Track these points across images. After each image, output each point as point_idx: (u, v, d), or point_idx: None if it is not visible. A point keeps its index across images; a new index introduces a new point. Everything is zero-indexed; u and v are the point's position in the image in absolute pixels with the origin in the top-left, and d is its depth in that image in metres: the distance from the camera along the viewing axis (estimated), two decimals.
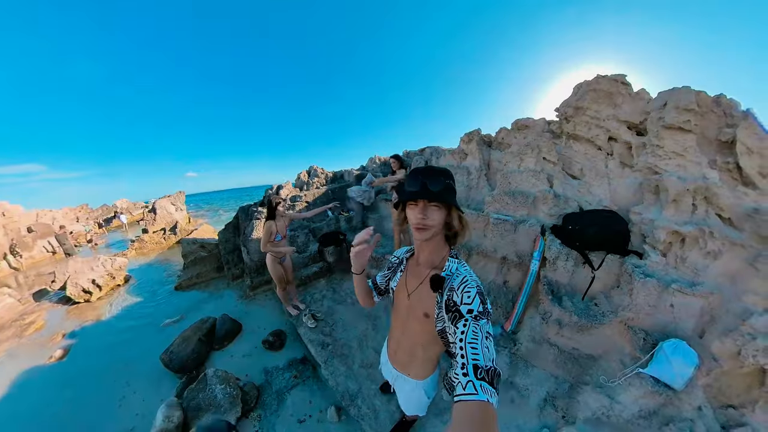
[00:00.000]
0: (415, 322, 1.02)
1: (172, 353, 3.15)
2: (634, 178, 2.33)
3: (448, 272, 0.89)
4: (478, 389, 0.57)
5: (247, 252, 4.52)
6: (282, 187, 6.23)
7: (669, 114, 2.08)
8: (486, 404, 0.55)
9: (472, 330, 0.69)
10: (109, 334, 4.23)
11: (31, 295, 6.26)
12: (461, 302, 0.78)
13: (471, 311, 0.74)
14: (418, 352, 1.12)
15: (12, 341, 4.44)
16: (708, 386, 1.68)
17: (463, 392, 0.57)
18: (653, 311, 1.88)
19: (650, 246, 2.03)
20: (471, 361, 0.62)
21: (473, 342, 0.66)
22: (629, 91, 2.45)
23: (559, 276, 2.34)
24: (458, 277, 0.86)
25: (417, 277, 1.00)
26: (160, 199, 14.17)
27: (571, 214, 2.44)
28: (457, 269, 0.90)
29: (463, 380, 0.59)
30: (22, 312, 5.53)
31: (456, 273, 0.88)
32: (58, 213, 15.00)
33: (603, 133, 2.53)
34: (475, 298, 0.76)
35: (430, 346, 1.07)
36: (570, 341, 2.15)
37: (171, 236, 10.04)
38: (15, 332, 4.71)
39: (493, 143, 3.63)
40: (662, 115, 2.12)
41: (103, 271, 5.94)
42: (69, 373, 3.47)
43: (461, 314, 0.75)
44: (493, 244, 2.76)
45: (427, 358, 1.14)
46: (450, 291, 0.84)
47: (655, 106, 2.22)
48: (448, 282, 0.87)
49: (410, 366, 1.18)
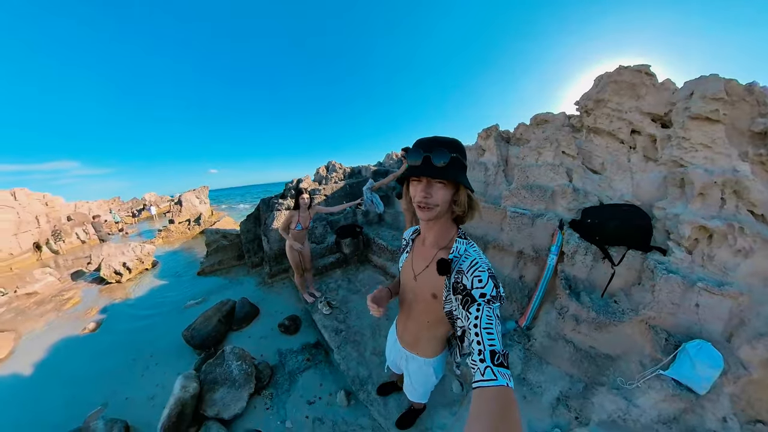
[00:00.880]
0: (423, 302, 1.00)
1: (193, 330, 3.31)
2: (658, 172, 2.24)
3: (456, 254, 0.84)
4: (497, 375, 0.56)
5: (267, 241, 4.68)
6: (302, 180, 6.41)
7: (695, 104, 1.99)
8: (506, 389, 0.55)
9: (486, 315, 0.67)
10: (137, 312, 4.51)
11: (69, 275, 6.76)
12: (472, 286, 0.74)
13: (484, 295, 0.71)
14: (424, 331, 1.11)
15: (52, 314, 4.84)
16: (735, 396, 1.57)
17: (482, 378, 0.57)
18: (676, 311, 1.80)
19: (675, 242, 1.95)
20: (488, 347, 0.61)
21: (489, 327, 0.65)
22: (653, 82, 2.35)
23: (577, 271, 2.29)
24: (467, 259, 0.80)
25: (424, 258, 0.96)
26: (186, 193, 14.88)
27: (590, 207, 2.38)
28: (465, 251, 0.84)
29: (481, 366, 0.59)
30: (61, 289, 5.99)
31: (465, 255, 0.83)
32: (94, 204, 16.14)
33: (625, 125, 2.46)
34: (488, 282, 0.72)
35: (437, 325, 1.04)
36: (587, 339, 2.09)
37: (195, 227, 10.52)
38: (55, 306, 5.13)
39: (511, 139, 3.58)
40: (688, 105, 2.03)
41: (132, 255, 6.32)
42: (100, 344, 3.76)
43: (474, 298, 0.71)
44: (509, 237, 2.73)
45: (434, 337, 1.12)
46: (458, 274, 0.80)
47: (681, 96, 2.13)
48: (456, 264, 0.82)
49: (418, 345, 1.18)
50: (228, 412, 2.25)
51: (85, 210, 14.53)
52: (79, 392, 2.90)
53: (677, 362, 1.69)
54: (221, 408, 2.25)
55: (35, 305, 5.30)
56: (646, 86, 2.36)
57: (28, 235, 10.39)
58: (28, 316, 4.89)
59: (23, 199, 10.91)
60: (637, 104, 2.39)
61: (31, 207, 11.13)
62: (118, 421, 2.26)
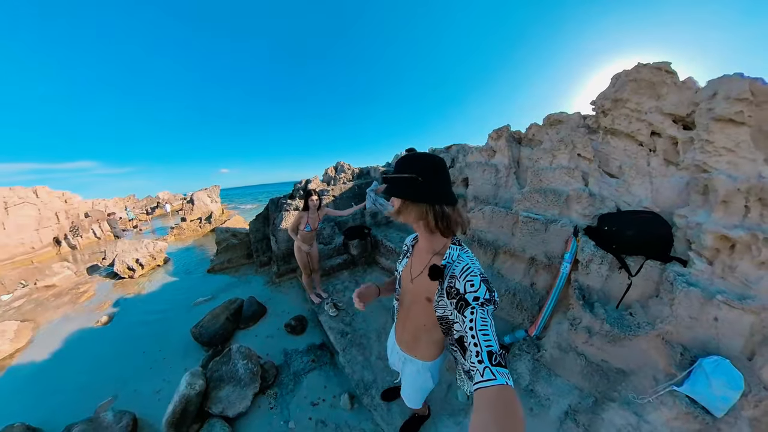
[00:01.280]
0: (419, 305, 1.04)
1: (202, 327, 3.36)
2: (679, 177, 2.13)
3: (449, 260, 0.88)
4: (496, 374, 0.58)
5: (276, 241, 4.71)
6: (310, 181, 6.45)
7: (719, 105, 1.88)
8: (506, 387, 0.56)
9: (480, 317, 0.70)
10: (148, 307, 4.62)
11: (85, 269, 6.97)
12: (465, 290, 0.77)
13: (477, 299, 0.73)
14: (422, 335, 1.13)
15: (68, 306, 5.02)
16: (756, 420, 1.45)
17: (482, 379, 0.59)
18: (694, 324, 1.70)
19: (696, 252, 1.85)
20: (485, 348, 0.63)
21: (484, 329, 0.67)
22: (674, 81, 2.22)
23: (592, 280, 2.21)
24: (459, 264, 0.85)
25: (420, 262, 1.01)
26: (198, 192, 15.21)
27: (607, 214, 2.29)
28: (458, 256, 0.88)
29: (480, 367, 0.60)
30: (77, 282, 6.18)
31: (457, 260, 0.87)
32: (110, 202, 16.69)
33: (645, 127, 2.33)
34: (480, 286, 0.75)
35: (433, 329, 1.06)
36: (599, 352, 2.01)
37: (206, 225, 10.72)
38: (71, 299, 5.31)
39: (523, 140, 3.49)
40: (712, 106, 1.92)
41: (145, 252, 6.48)
42: (112, 336, 3.87)
43: (467, 302, 0.74)
44: (521, 243, 2.67)
45: (432, 340, 1.14)
46: (451, 279, 0.84)
47: (704, 96, 2.00)
48: (449, 269, 0.86)
49: (416, 348, 1.19)
50: (232, 410, 2.25)
51: (102, 207, 15.03)
52: (91, 382, 2.99)
53: (692, 378, 1.60)
54: (226, 406, 2.26)
55: (53, 297, 5.50)
56: (667, 85, 2.23)
57: (48, 230, 10.85)
58: (46, 307, 5.08)
59: (44, 196, 11.41)
60: (657, 104, 2.27)
61: (51, 204, 11.61)
62: (126, 413, 2.30)
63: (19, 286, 6.15)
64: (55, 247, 10.56)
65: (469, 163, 3.86)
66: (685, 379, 1.63)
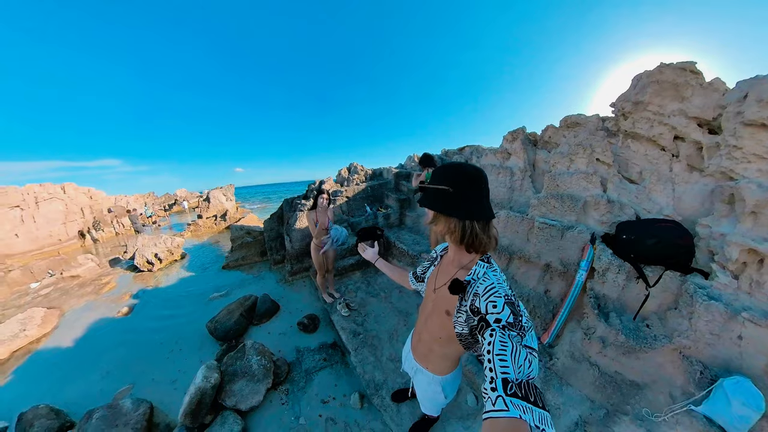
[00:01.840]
0: (437, 317, 1.02)
1: (217, 322, 3.46)
2: (703, 185, 2.04)
3: (474, 276, 0.84)
4: (508, 405, 0.53)
5: (290, 240, 4.80)
6: (324, 182, 6.54)
7: (750, 108, 1.78)
8: (518, 421, 0.51)
9: (499, 340, 0.64)
10: (166, 300, 4.78)
11: (107, 262, 7.29)
12: (486, 311, 0.72)
13: (499, 321, 0.68)
14: (436, 347, 1.10)
15: (91, 296, 5.26)
16: None
17: (493, 409, 0.54)
18: (715, 341, 1.64)
19: (719, 265, 1.78)
20: (500, 375, 0.58)
21: (501, 354, 0.61)
22: (700, 82, 2.12)
23: (608, 290, 2.16)
24: (484, 283, 0.80)
25: (445, 274, 0.99)
26: (213, 190, 15.63)
27: (626, 222, 2.24)
28: (484, 274, 0.83)
29: (492, 396, 0.56)
30: (100, 274, 6.46)
31: (483, 278, 0.82)
32: (131, 198, 17.47)
33: (667, 131, 2.24)
34: (504, 308, 0.70)
35: (448, 343, 1.03)
36: (613, 363, 1.96)
37: (221, 222, 11.02)
38: (93, 289, 5.56)
39: (539, 142, 3.42)
40: (741, 110, 1.83)
41: (164, 247, 6.72)
42: (131, 326, 4.05)
43: (488, 323, 0.70)
44: (536, 249, 2.63)
45: (445, 354, 1.11)
46: (474, 297, 0.79)
47: (733, 98, 1.91)
48: (473, 287, 0.82)
49: (428, 359, 1.17)
50: (245, 403, 2.32)
51: (124, 203, 15.72)
52: (111, 369, 3.13)
53: (711, 398, 1.53)
54: (239, 399, 2.33)
55: (77, 287, 5.77)
56: (692, 86, 2.13)
57: (74, 224, 11.46)
58: (71, 296, 5.33)
59: (71, 192, 12.09)
60: (681, 107, 2.17)
61: (77, 199, 12.29)
62: (144, 402, 2.39)
63: (47, 275, 6.49)
64: (80, 240, 11.10)
65: (482, 165, 3.83)
66: (704, 399, 1.57)
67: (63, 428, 2.43)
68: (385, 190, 6.06)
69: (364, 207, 5.67)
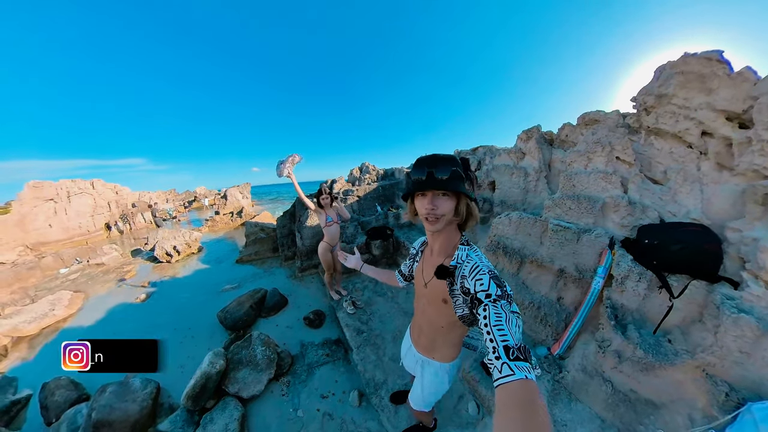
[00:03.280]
0: (435, 308, 1.04)
1: (227, 312, 3.54)
2: (734, 185, 1.86)
3: (458, 260, 0.89)
4: (514, 369, 0.56)
5: (300, 237, 4.86)
6: (336, 181, 6.60)
7: None
8: (525, 381, 0.54)
9: (494, 312, 0.69)
10: (181, 289, 4.97)
11: (129, 252, 7.65)
12: (475, 289, 0.77)
13: (489, 296, 0.73)
14: (438, 337, 1.14)
15: (113, 282, 5.56)
16: None
17: (501, 376, 0.57)
18: (744, 360, 1.47)
19: (751, 274, 1.60)
20: (501, 344, 0.62)
21: (498, 323, 0.66)
22: (727, 72, 1.94)
23: (627, 299, 2.01)
24: (468, 264, 0.85)
25: (432, 266, 1.00)
26: (230, 188, 16.20)
27: (648, 225, 2.09)
28: (467, 256, 0.89)
29: (498, 364, 0.59)
30: (123, 263, 6.81)
31: (466, 260, 0.87)
32: (154, 194, 18.47)
33: (694, 126, 2.06)
34: (490, 283, 0.75)
35: (451, 330, 1.08)
36: (629, 380, 1.80)
37: (237, 219, 11.35)
38: (116, 276, 5.89)
39: (555, 141, 3.28)
40: None
41: (182, 240, 6.99)
42: (148, 312, 4.25)
43: (480, 300, 0.74)
44: (550, 253, 2.51)
45: (449, 341, 1.15)
46: (462, 279, 0.84)
47: (765, 89, 1.73)
48: (459, 270, 0.87)
49: (434, 349, 1.20)
50: (247, 391, 2.35)
51: (147, 199, 16.62)
52: None
53: (737, 425, 1.37)
54: (242, 387, 2.37)
55: (102, 273, 6.10)
56: (719, 77, 1.96)
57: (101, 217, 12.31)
58: (96, 282, 5.64)
59: (99, 188, 13.10)
60: (708, 100, 2.00)
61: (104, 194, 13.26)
62: (151, 381, 2.50)
63: (75, 262, 6.90)
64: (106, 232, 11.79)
65: (496, 165, 3.73)
66: (728, 424, 1.41)
67: (80, 399, 2.64)
68: (397, 190, 6.05)
69: (374, 206, 5.67)
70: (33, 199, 10.56)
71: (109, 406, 2.21)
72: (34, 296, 5.10)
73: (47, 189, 10.94)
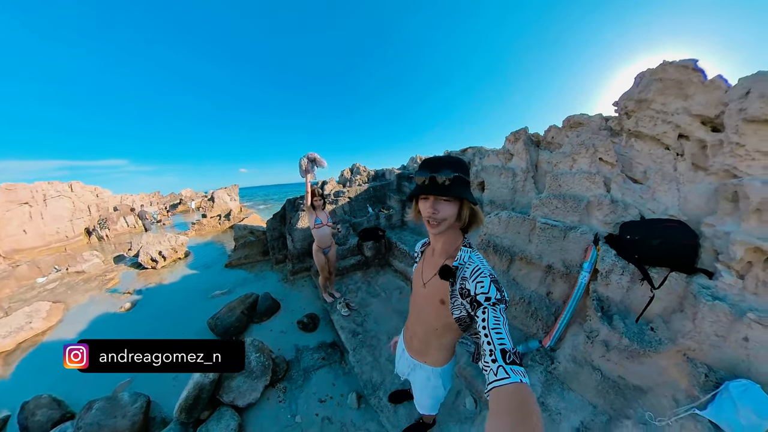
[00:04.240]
0: (432, 309, 1.03)
1: (218, 319, 3.47)
2: (708, 183, 2.01)
3: (460, 262, 0.90)
4: (509, 372, 0.57)
5: (292, 240, 4.81)
6: (326, 182, 6.56)
7: (753, 104, 1.75)
8: (520, 385, 0.55)
9: (492, 316, 0.70)
10: (168, 297, 4.82)
11: (112, 258, 7.37)
12: (476, 291, 0.78)
13: (489, 299, 0.74)
14: (432, 338, 1.13)
15: (95, 291, 5.34)
16: None
17: (496, 378, 0.58)
18: (721, 343, 1.59)
19: (724, 264, 1.73)
20: (498, 347, 0.62)
21: (496, 327, 0.67)
22: (701, 79, 2.09)
23: (612, 292, 2.12)
24: (470, 266, 0.86)
25: (432, 266, 1.01)
26: (218, 190, 15.76)
27: (630, 222, 2.20)
28: (469, 258, 0.89)
29: (494, 366, 0.60)
30: (105, 270, 6.54)
31: (468, 262, 0.88)
32: (137, 197, 17.75)
33: (671, 129, 2.21)
34: (490, 286, 0.77)
35: (445, 332, 1.07)
36: (617, 367, 1.91)
37: (225, 222, 11.09)
38: (98, 284, 5.64)
39: (541, 143, 3.40)
40: (744, 106, 1.80)
41: (168, 245, 6.77)
42: (134, 322, 4.08)
43: (479, 303, 0.75)
44: (538, 250, 2.60)
45: (442, 345, 1.14)
46: (462, 280, 0.85)
47: (735, 95, 1.88)
48: (461, 271, 0.88)
49: (426, 353, 1.19)
50: (243, 400, 2.31)
51: (129, 202, 15.97)
52: None
53: (716, 402, 1.49)
54: (237, 395, 2.32)
55: (83, 282, 5.85)
56: (694, 84, 2.10)
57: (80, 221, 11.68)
58: (76, 291, 5.41)
59: (78, 190, 12.41)
60: (684, 105, 2.15)
61: (84, 197, 12.59)
62: (141, 395, 2.40)
63: (53, 270, 6.59)
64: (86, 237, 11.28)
65: (485, 166, 3.82)
66: (708, 402, 1.52)
67: (64, 418, 2.46)
68: (388, 190, 6.07)
69: (366, 207, 5.68)
70: (5, 203, 9.95)
71: (97, 424, 2.11)
72: (9, 308, 4.82)
73: (21, 192, 10.31)
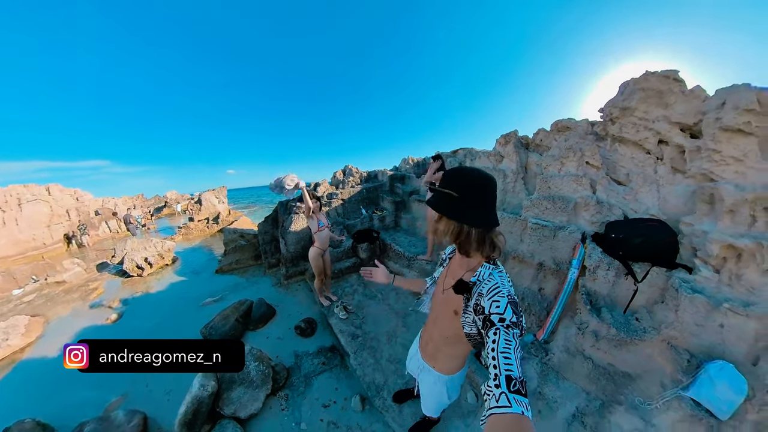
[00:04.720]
0: (446, 317, 1.04)
1: (211, 328, 3.40)
2: (686, 186, 2.17)
3: (479, 278, 0.87)
4: (512, 402, 0.55)
5: (285, 243, 4.77)
6: (319, 184, 6.53)
7: (727, 115, 1.91)
8: (521, 417, 0.53)
9: (504, 339, 0.67)
10: (156, 306, 4.64)
11: (95, 266, 7.04)
12: (490, 310, 0.75)
13: (503, 320, 0.71)
14: (443, 346, 1.14)
15: (78, 302, 5.08)
16: (759, 424, 1.48)
17: (497, 405, 0.56)
18: (700, 331, 1.75)
19: (701, 260, 1.89)
20: (504, 372, 0.60)
21: (506, 351, 0.64)
22: (682, 89, 2.25)
23: (599, 286, 2.26)
24: (489, 283, 0.83)
25: (453, 276, 1.02)
26: (205, 192, 15.28)
27: (614, 221, 2.34)
28: (489, 275, 0.86)
29: (496, 392, 0.58)
30: (87, 279, 6.25)
31: (487, 279, 0.85)
32: (119, 200, 16.89)
33: (652, 135, 2.37)
34: (507, 308, 0.73)
35: (457, 343, 1.06)
36: (606, 356, 2.05)
37: (214, 225, 10.81)
38: (81, 295, 5.37)
39: (530, 145, 3.53)
40: (720, 116, 1.96)
41: (154, 251, 6.54)
42: (121, 334, 3.86)
43: (492, 323, 0.72)
44: (530, 249, 2.71)
45: (452, 354, 1.14)
46: (478, 296, 0.83)
47: (712, 105, 2.04)
48: (478, 287, 0.86)
49: (436, 358, 1.20)
50: (244, 411, 2.27)
51: (111, 205, 15.25)
52: (101, 379, 2.99)
53: (697, 383, 1.63)
54: (238, 407, 2.28)
55: (63, 293, 5.56)
56: (675, 93, 2.26)
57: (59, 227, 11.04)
58: (57, 302, 5.14)
59: (56, 193, 11.65)
60: (665, 113, 2.30)
61: (63, 201, 11.86)
62: (137, 413, 2.31)
63: (31, 281, 6.23)
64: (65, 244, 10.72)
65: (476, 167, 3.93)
66: (691, 383, 1.66)
67: None
68: (380, 192, 6.10)
69: (359, 209, 5.69)
70: None
71: None
72: None
73: None
